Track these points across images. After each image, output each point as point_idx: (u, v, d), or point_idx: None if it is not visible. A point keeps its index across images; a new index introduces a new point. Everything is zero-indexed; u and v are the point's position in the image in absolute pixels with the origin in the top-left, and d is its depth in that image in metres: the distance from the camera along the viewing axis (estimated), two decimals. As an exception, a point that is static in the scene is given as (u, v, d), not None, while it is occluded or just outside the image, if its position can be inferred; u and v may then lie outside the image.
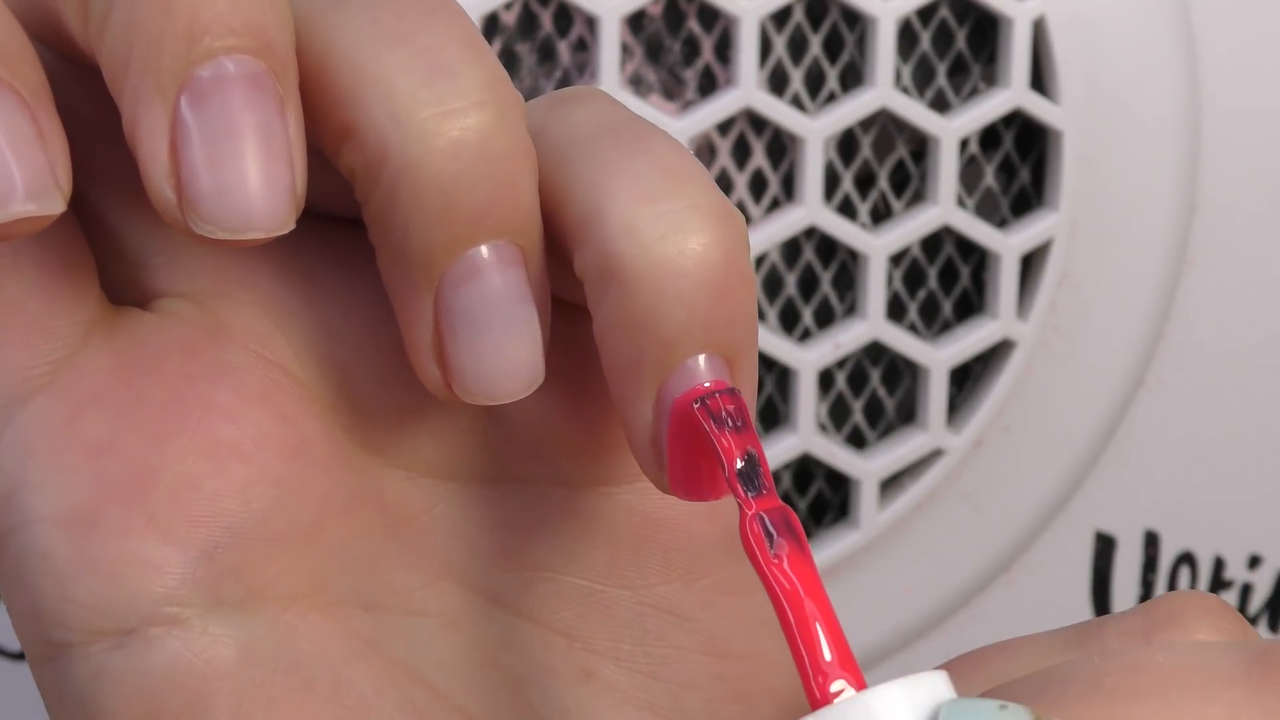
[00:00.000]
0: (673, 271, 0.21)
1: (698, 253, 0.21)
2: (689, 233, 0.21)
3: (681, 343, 0.21)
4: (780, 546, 0.20)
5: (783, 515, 0.20)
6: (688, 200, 0.21)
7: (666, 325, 0.21)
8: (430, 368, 0.22)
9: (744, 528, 0.20)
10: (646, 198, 0.21)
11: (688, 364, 0.21)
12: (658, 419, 0.21)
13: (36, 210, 0.20)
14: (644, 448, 0.22)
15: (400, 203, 0.21)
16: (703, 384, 0.21)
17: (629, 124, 0.22)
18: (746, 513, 0.20)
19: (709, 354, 0.21)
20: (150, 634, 0.22)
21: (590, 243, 0.21)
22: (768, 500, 0.20)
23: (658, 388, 0.21)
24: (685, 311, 0.21)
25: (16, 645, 0.43)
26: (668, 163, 0.21)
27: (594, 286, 0.21)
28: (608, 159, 0.21)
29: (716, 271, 0.21)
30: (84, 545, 0.22)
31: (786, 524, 0.20)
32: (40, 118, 0.20)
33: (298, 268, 0.23)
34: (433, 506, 0.24)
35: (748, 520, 0.20)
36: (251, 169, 0.20)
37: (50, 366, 0.22)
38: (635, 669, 0.24)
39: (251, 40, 0.20)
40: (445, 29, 0.21)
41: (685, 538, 0.24)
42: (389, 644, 0.23)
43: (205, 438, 0.23)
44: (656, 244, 0.21)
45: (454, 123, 0.21)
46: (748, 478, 0.21)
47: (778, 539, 0.20)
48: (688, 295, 0.21)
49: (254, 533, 0.23)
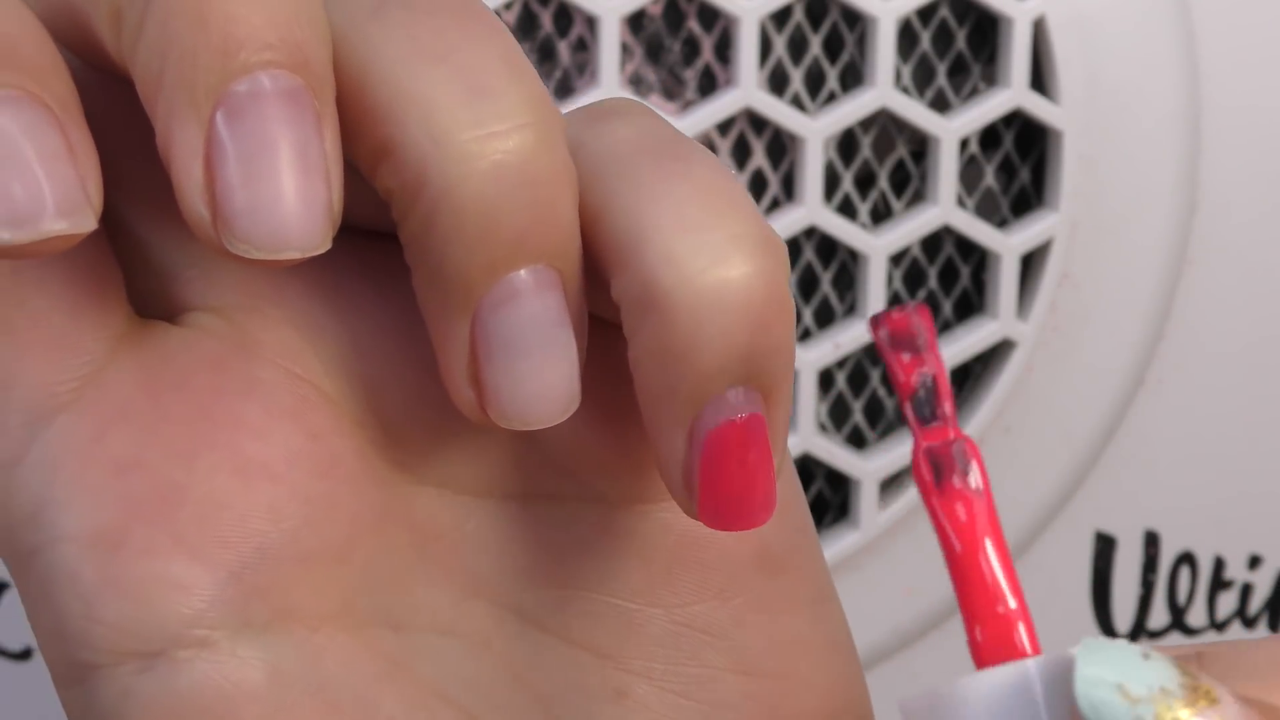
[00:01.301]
0: (713, 304, 0.20)
1: (739, 285, 0.20)
2: (732, 265, 0.20)
3: (719, 376, 0.21)
4: (955, 482, 0.19)
5: (956, 449, 0.19)
6: (729, 231, 0.21)
7: (705, 358, 0.21)
8: (465, 391, 0.21)
9: (915, 459, 0.19)
10: (688, 227, 0.21)
11: (724, 397, 0.21)
12: (690, 449, 0.21)
13: (67, 228, 0.20)
14: (675, 478, 0.21)
15: (439, 225, 0.20)
16: (737, 417, 0.21)
17: (668, 143, 0.22)
18: (919, 445, 0.20)
19: (746, 387, 0.21)
20: (178, 656, 0.22)
21: (629, 270, 0.21)
22: (941, 431, 0.20)
23: (692, 419, 0.21)
24: (725, 345, 0.21)
25: (16, 645, 0.43)
26: (708, 187, 0.21)
27: (631, 314, 0.21)
28: (646, 183, 0.21)
29: (757, 305, 0.21)
30: (110, 565, 0.22)
31: (960, 457, 0.19)
32: (70, 132, 0.20)
33: (329, 282, 0.23)
34: (464, 524, 0.24)
35: (917, 454, 0.19)
36: (288, 187, 0.20)
37: (77, 382, 0.22)
38: (668, 688, 0.24)
39: (288, 55, 0.20)
40: (485, 47, 0.21)
41: (719, 556, 0.24)
42: (417, 664, 0.23)
43: (234, 455, 0.22)
44: (698, 276, 0.20)
45: (495, 145, 0.20)
46: (921, 405, 0.20)
47: (944, 475, 0.19)
48: (728, 329, 0.20)
49: (283, 553, 0.22)
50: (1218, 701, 0.17)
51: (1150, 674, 0.17)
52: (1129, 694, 0.17)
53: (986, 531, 0.19)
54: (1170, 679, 0.17)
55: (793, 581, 0.24)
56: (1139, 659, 0.17)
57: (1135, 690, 0.17)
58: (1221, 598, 0.47)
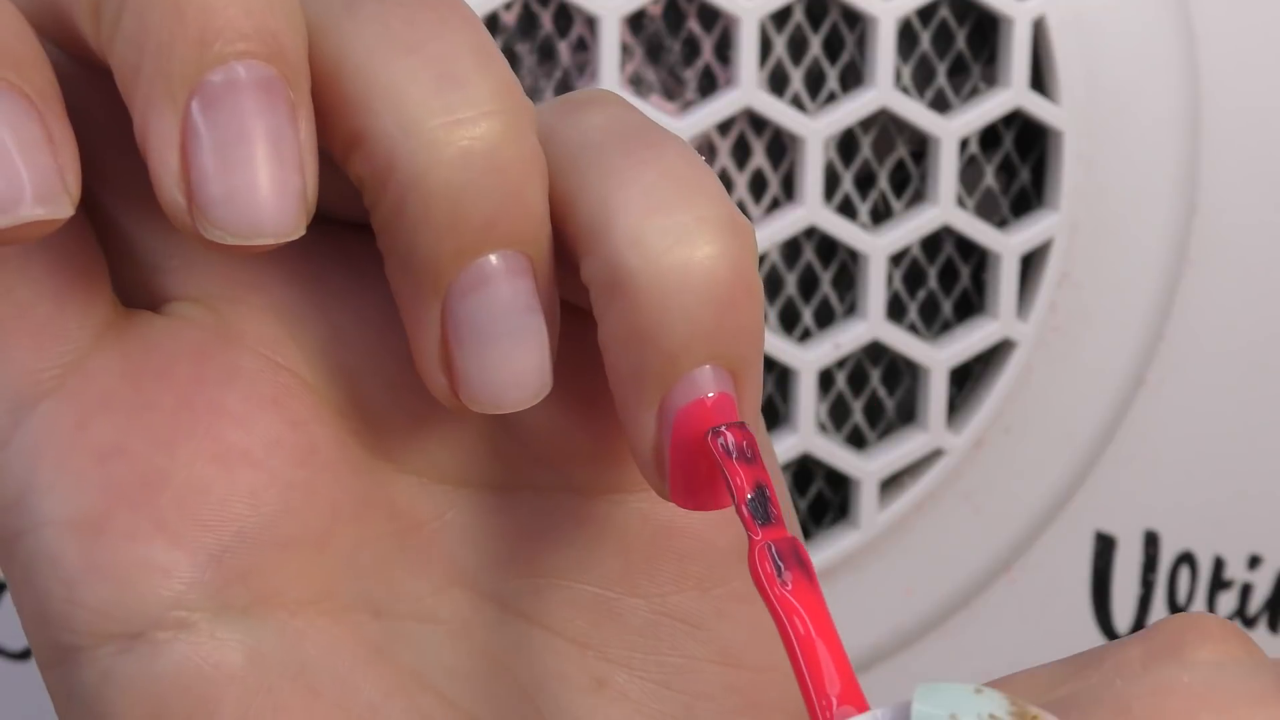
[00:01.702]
0: (678, 284, 0.21)
1: (704, 265, 0.21)
2: (696, 245, 0.21)
3: (685, 355, 0.21)
4: (788, 576, 0.20)
5: (791, 546, 0.20)
6: (696, 212, 0.21)
7: (670, 338, 0.21)
8: (437, 376, 0.22)
9: (752, 557, 0.20)
10: (654, 209, 0.21)
11: (691, 375, 0.21)
12: (660, 429, 0.21)
13: (44, 214, 0.20)
14: (646, 457, 0.22)
15: (408, 212, 0.21)
16: (706, 395, 0.21)
17: (639, 130, 0.22)
18: (755, 542, 0.20)
19: (713, 365, 0.21)
20: (157, 638, 0.22)
21: (597, 253, 0.21)
22: (776, 530, 0.20)
23: (660, 399, 0.21)
24: (689, 324, 0.21)
25: (16, 645, 0.43)
26: (677, 172, 0.21)
27: (599, 296, 0.21)
28: (616, 168, 0.21)
29: (722, 285, 0.21)
30: (92, 549, 0.22)
31: (795, 554, 0.20)
32: (49, 122, 0.20)
33: (309, 272, 0.23)
34: (444, 513, 0.24)
35: (756, 549, 0.20)
36: (262, 175, 0.20)
37: (60, 370, 0.22)
38: (648, 678, 0.24)
39: (263, 45, 0.20)
40: (456, 36, 0.21)
41: (700, 546, 0.24)
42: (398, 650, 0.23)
43: (215, 442, 0.22)
44: (662, 256, 0.21)
45: (463, 132, 0.20)
46: (758, 508, 0.21)
47: (785, 569, 0.20)
48: (692, 308, 0.21)
49: (263, 538, 0.22)
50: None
51: (980, 704, 0.18)
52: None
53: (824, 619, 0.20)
54: (999, 707, 0.18)
55: None
56: (970, 694, 0.18)
57: (966, 718, 0.18)
58: (1221, 598, 0.47)
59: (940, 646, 0.45)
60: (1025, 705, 0.18)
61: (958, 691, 0.18)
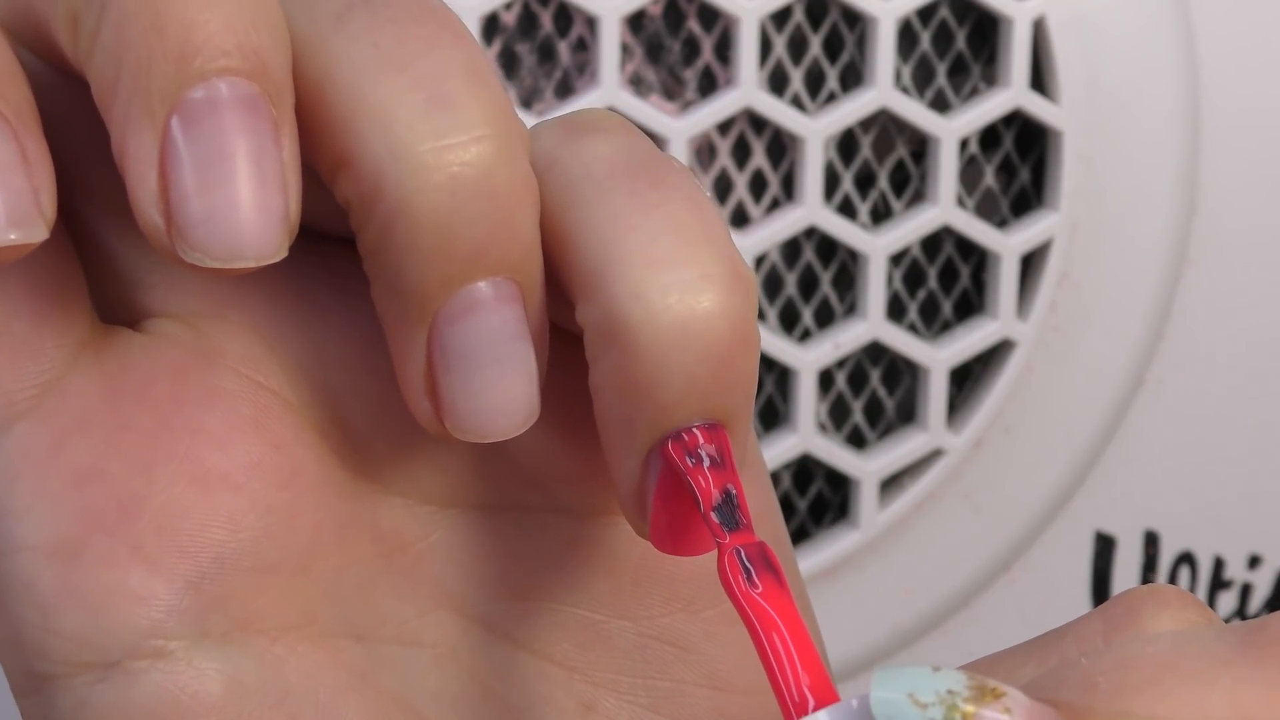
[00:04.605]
0: (677, 342, 0.20)
1: (704, 323, 0.20)
2: (698, 301, 0.20)
3: (677, 409, 0.21)
4: (757, 581, 0.20)
5: (760, 550, 0.20)
6: (700, 269, 0.21)
7: (665, 392, 0.21)
8: (423, 403, 0.21)
9: (721, 562, 0.20)
10: (657, 261, 0.20)
11: (680, 430, 0.21)
12: (644, 476, 0.21)
13: (17, 239, 0.20)
14: (629, 502, 0.21)
15: (395, 238, 0.20)
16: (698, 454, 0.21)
17: (645, 166, 0.21)
18: (724, 547, 0.20)
19: (703, 419, 0.21)
20: (134, 667, 0.21)
21: (595, 300, 0.21)
22: (744, 535, 0.20)
23: (648, 448, 0.21)
24: (685, 381, 0.20)
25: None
26: (682, 220, 0.21)
27: (594, 342, 0.21)
28: (621, 210, 0.21)
29: (721, 342, 0.20)
30: (68, 576, 0.21)
31: (764, 558, 0.20)
32: (25, 140, 0.20)
33: (293, 290, 0.23)
34: (429, 534, 0.23)
35: (725, 554, 0.20)
36: (243, 195, 0.19)
37: (36, 390, 0.22)
38: (636, 702, 0.24)
39: (245, 62, 0.19)
40: (447, 56, 0.20)
41: (688, 568, 0.24)
42: (381, 676, 0.23)
43: (194, 465, 0.22)
44: (664, 313, 0.20)
45: (452, 157, 0.20)
46: (725, 514, 0.20)
47: (755, 573, 0.20)
48: (690, 366, 0.20)
49: (243, 563, 0.22)
50: (1005, 695, 0.18)
51: (938, 681, 0.18)
52: (918, 701, 0.18)
53: (796, 623, 0.20)
54: (957, 683, 0.18)
55: None
56: (928, 672, 0.18)
57: (924, 697, 0.18)
58: (1221, 598, 0.47)
59: (940, 646, 0.45)
60: (984, 680, 0.18)
61: (915, 672, 0.18)
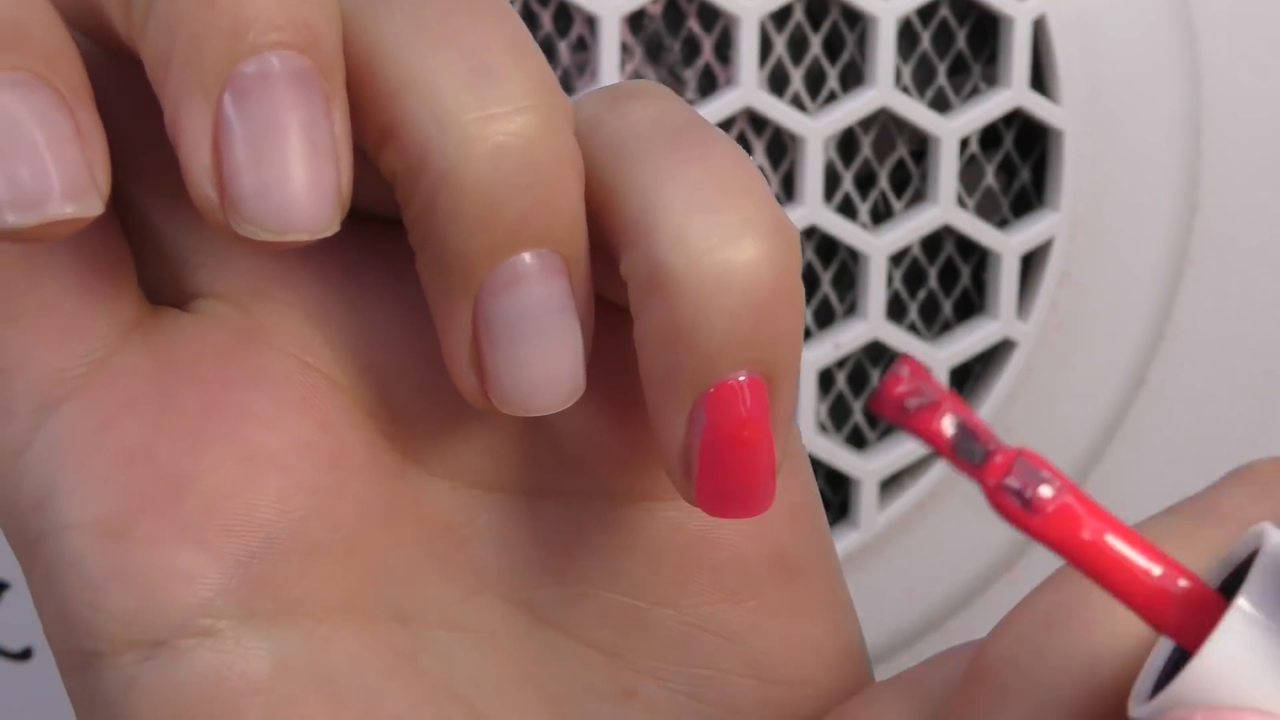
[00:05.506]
0: (719, 285, 0.20)
1: (746, 268, 0.20)
2: (739, 247, 0.20)
3: (721, 359, 0.21)
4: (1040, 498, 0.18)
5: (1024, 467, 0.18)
6: (741, 214, 0.20)
7: (708, 340, 0.20)
8: (468, 376, 0.21)
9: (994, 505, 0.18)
10: (699, 208, 0.20)
11: (725, 381, 0.21)
12: (690, 433, 0.21)
13: (74, 212, 0.20)
14: (673, 460, 0.21)
15: (440, 208, 0.20)
16: (742, 403, 0.20)
17: (687, 126, 0.21)
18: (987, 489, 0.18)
19: (748, 372, 0.21)
20: (182, 646, 0.22)
21: (638, 248, 0.21)
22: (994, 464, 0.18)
23: (693, 402, 0.21)
24: (727, 327, 0.20)
25: (16, 645, 0.43)
26: (724, 172, 0.21)
27: (638, 293, 0.21)
28: (663, 162, 0.21)
29: (764, 289, 0.20)
30: (115, 554, 0.22)
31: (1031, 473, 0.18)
32: (79, 116, 0.20)
33: (341, 269, 0.23)
34: (474, 518, 0.23)
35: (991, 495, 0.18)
36: (296, 168, 0.20)
37: (85, 369, 0.22)
38: (677, 690, 0.24)
39: (297, 36, 0.19)
40: (491, 29, 0.20)
41: (732, 557, 0.23)
42: (425, 659, 0.23)
43: (241, 445, 0.22)
44: (704, 256, 0.20)
45: (497, 127, 0.20)
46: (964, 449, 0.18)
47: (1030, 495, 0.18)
48: (732, 310, 0.20)
49: (290, 543, 0.22)
50: None
51: None
52: None
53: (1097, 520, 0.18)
54: None
55: (809, 588, 0.24)
56: None
57: None
58: None
59: (940, 646, 0.45)
60: None
61: None
